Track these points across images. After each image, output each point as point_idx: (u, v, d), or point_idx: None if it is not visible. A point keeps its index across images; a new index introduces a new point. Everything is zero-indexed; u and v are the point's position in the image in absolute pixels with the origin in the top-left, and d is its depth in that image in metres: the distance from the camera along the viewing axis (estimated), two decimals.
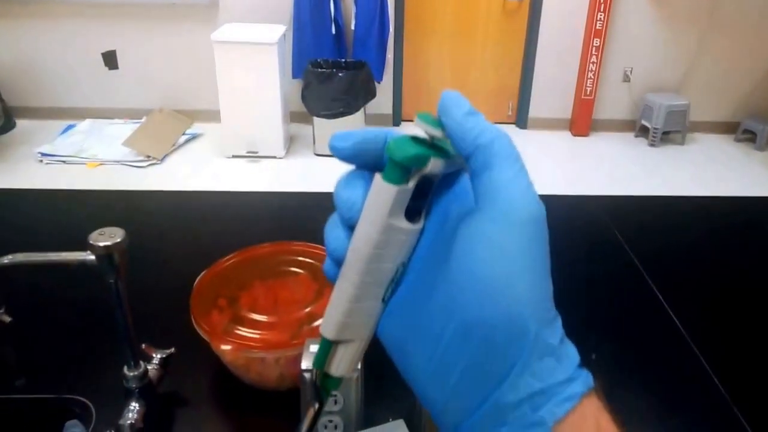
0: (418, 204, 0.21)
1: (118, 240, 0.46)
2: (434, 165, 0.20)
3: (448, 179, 0.22)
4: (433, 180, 0.21)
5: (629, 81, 3.63)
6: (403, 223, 0.21)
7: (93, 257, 0.46)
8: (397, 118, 3.67)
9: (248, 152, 3.09)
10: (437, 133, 0.20)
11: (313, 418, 0.24)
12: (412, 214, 0.21)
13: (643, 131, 3.59)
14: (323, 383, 0.24)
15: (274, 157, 3.12)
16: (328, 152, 3.33)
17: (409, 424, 0.50)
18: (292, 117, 3.32)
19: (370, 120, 3.39)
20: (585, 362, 0.21)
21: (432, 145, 0.21)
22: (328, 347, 0.23)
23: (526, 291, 0.19)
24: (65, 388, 0.61)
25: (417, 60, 3.61)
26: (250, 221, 0.99)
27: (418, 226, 0.22)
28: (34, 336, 0.68)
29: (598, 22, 3.40)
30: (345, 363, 0.23)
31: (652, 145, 3.52)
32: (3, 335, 0.52)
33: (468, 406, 0.20)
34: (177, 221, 0.99)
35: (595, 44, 3.44)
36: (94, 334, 0.70)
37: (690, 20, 3.48)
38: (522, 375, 0.19)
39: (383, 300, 0.22)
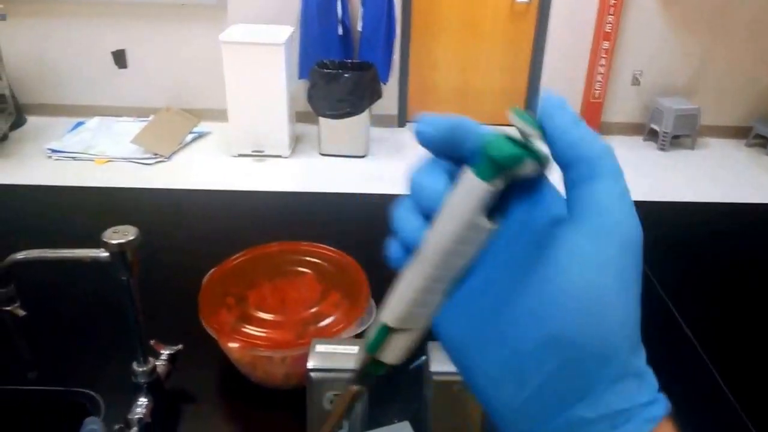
0: (496, 204, 0.21)
1: (131, 238, 0.47)
2: (527, 167, 0.20)
3: (527, 181, 0.21)
4: (517, 181, 0.20)
5: (639, 84, 3.60)
6: (485, 222, 0.20)
7: (106, 254, 0.47)
8: (402, 120, 3.67)
9: (254, 151, 3.11)
10: (534, 133, 0.20)
11: (350, 402, 0.24)
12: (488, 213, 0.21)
13: (653, 135, 3.56)
14: (371, 368, 0.23)
15: (280, 157, 3.13)
16: (333, 152, 3.35)
17: (414, 427, 0.50)
18: (298, 117, 3.33)
19: (375, 121, 3.40)
20: None
21: (525, 146, 0.20)
22: (385, 334, 0.23)
23: (621, 313, 0.19)
24: (75, 382, 0.62)
25: (423, 61, 3.61)
26: (257, 220, 1.00)
27: (495, 226, 0.21)
28: (46, 330, 0.69)
29: (607, 25, 3.37)
30: (399, 351, 0.23)
31: (661, 149, 3.48)
32: (17, 328, 0.52)
33: (542, 416, 0.19)
34: (185, 219, 1.00)
35: (604, 47, 3.41)
36: (104, 329, 0.71)
37: (701, 23, 3.45)
38: (605, 393, 0.19)
39: (446, 295, 0.22)
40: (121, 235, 0.47)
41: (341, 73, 3.03)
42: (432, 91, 3.68)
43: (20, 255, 0.50)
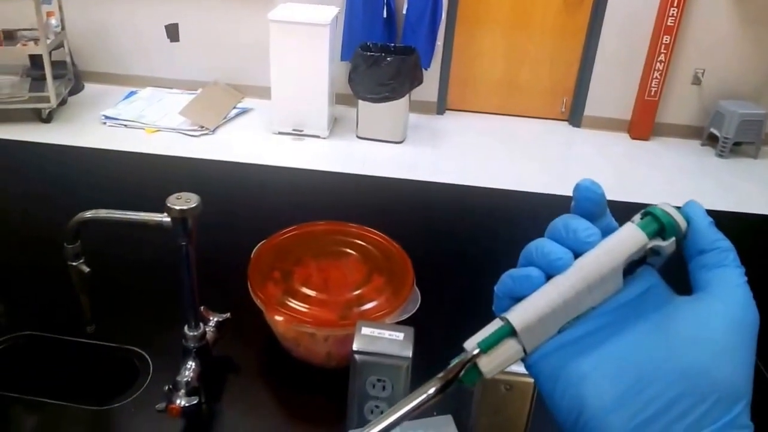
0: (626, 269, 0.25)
1: (193, 205, 0.48)
2: (670, 244, 0.25)
3: (650, 265, 0.26)
4: (646, 258, 0.25)
5: (700, 84, 3.36)
6: (621, 274, 0.24)
7: (169, 219, 0.48)
8: (441, 107, 3.61)
9: (294, 130, 3.14)
10: (683, 224, 0.25)
11: (424, 401, 0.24)
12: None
13: (712, 140, 3.33)
14: (465, 373, 0.24)
15: (318, 137, 3.15)
16: (370, 136, 3.34)
17: (456, 420, 0.50)
18: (338, 99, 3.33)
19: (414, 107, 3.35)
20: None
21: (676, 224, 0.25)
22: (504, 335, 0.24)
23: (746, 367, 0.23)
24: (128, 340, 0.65)
25: (467, 49, 3.51)
26: (302, 197, 1.01)
27: (622, 285, 0.25)
28: (104, 288, 0.73)
29: (669, 18, 3.15)
30: (499, 362, 0.24)
31: (720, 155, 3.25)
32: (81, 284, 0.55)
33: None
34: (233, 190, 1.02)
35: (664, 41, 3.20)
36: (157, 292, 0.74)
37: None
38: (728, 429, 0.22)
39: (559, 330, 0.25)
40: (184, 201, 0.48)
41: (383, 56, 2.99)
42: (474, 81, 3.59)
43: (88, 214, 0.52)
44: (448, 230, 0.95)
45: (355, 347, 0.49)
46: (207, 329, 0.59)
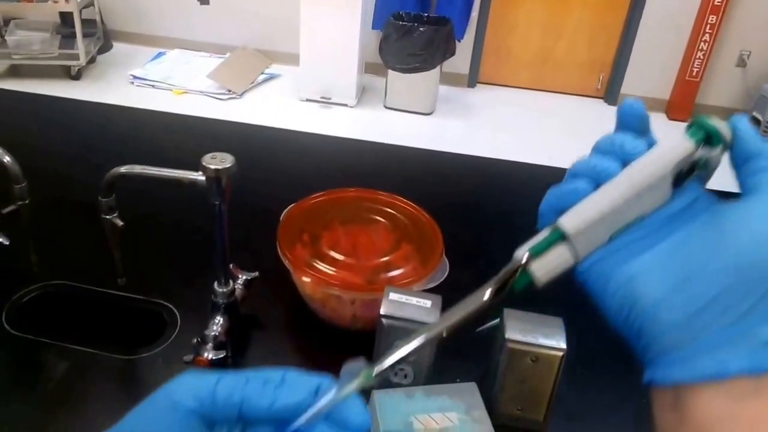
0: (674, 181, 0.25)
1: (228, 165, 0.48)
2: (717, 152, 0.25)
3: (697, 177, 0.26)
4: (695, 169, 0.25)
5: (745, 66, 3.19)
6: (669, 183, 0.25)
7: (203, 178, 0.48)
8: (473, 80, 3.51)
9: (321, 98, 3.11)
10: (728, 133, 0.25)
11: (479, 306, 0.25)
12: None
13: (754, 124, 3.20)
14: (518, 276, 0.25)
15: (346, 106, 3.12)
16: (398, 107, 3.29)
17: (480, 389, 0.50)
18: (367, 68, 3.28)
19: (445, 78, 3.27)
20: None
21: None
22: (555, 239, 0.25)
23: None
24: (157, 294, 0.67)
25: (503, 21, 3.38)
26: (330, 164, 1.01)
27: (671, 195, 0.25)
28: (136, 242, 0.74)
29: None
30: (551, 266, 0.25)
31: None
32: (115, 237, 0.56)
33: (712, 327, 0.22)
34: (259, 153, 1.02)
35: (710, 21, 3.03)
36: (187, 249, 0.75)
37: None
38: None
39: (610, 238, 0.25)
40: (219, 161, 0.48)
41: (416, 26, 2.91)
42: (508, 54, 3.47)
43: (123, 168, 0.52)
44: (477, 202, 0.93)
45: (382, 311, 0.49)
46: (236, 286, 0.60)
